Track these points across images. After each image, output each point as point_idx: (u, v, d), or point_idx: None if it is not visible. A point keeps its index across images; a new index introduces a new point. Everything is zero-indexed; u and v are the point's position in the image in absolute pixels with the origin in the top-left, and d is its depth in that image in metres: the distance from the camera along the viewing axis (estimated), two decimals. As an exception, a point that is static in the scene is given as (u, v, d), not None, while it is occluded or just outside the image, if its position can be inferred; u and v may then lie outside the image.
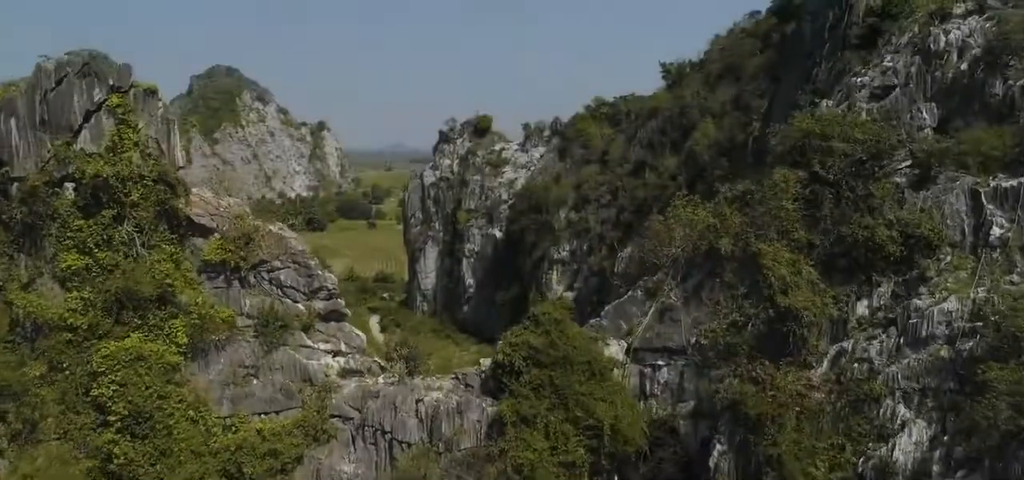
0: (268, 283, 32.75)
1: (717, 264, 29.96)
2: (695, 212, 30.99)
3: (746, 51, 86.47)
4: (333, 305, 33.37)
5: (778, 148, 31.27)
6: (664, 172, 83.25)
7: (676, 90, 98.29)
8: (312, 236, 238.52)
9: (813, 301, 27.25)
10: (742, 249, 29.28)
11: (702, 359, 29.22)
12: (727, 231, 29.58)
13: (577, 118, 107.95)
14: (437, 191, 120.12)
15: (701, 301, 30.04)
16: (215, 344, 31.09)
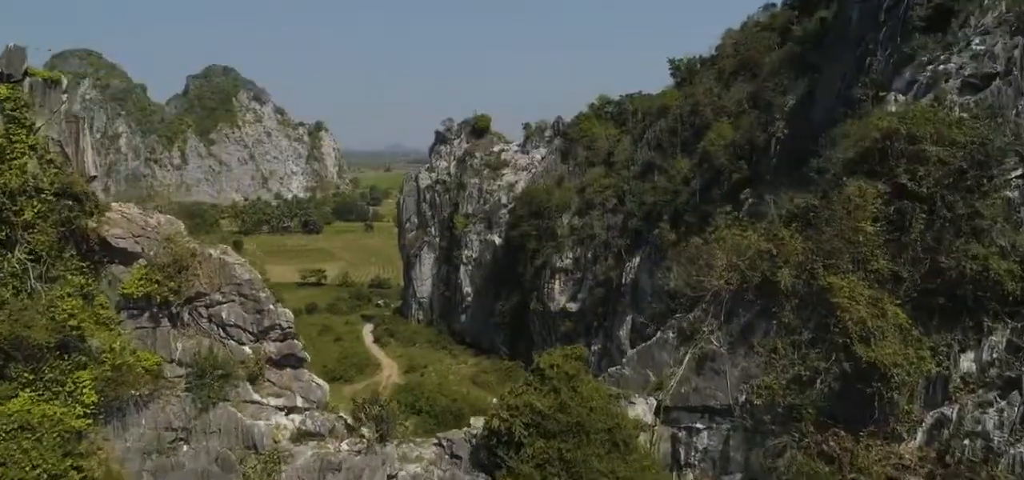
0: (207, 321, 25.96)
1: (773, 301, 23.22)
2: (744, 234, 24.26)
3: (762, 45, 79.66)
4: (288, 348, 26.59)
5: (847, 154, 24.50)
6: (675, 175, 76.49)
7: (686, 88, 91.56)
8: (308, 239, 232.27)
9: (904, 354, 20.60)
10: (806, 283, 22.54)
11: (754, 423, 22.63)
12: (786, 259, 22.83)
13: (580, 118, 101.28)
14: (433, 194, 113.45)
15: (751, 348, 23.30)
16: (135, 401, 24.35)
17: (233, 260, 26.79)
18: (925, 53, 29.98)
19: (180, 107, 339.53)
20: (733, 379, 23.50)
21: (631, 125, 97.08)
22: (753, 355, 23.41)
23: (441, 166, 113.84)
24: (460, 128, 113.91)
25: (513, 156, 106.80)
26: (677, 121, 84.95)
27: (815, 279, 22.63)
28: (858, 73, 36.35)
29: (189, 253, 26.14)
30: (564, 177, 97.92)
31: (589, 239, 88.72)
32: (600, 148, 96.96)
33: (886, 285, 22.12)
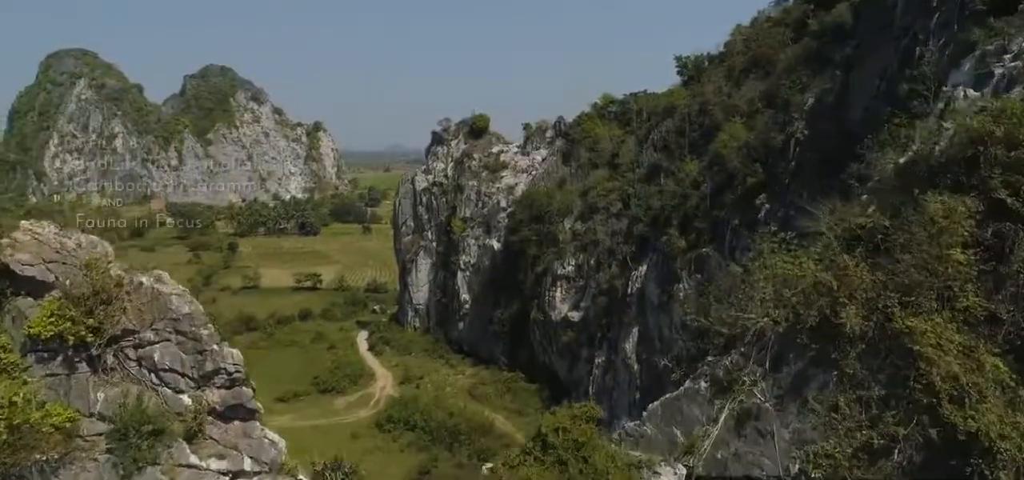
0: (136, 365, 21.12)
1: (834, 346, 18.42)
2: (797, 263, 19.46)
3: (776, 41, 75.03)
4: (236, 397, 21.75)
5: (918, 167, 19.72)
6: (684, 179, 71.69)
7: (694, 86, 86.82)
8: (305, 240, 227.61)
9: (1013, 422, 15.85)
10: (878, 325, 17.74)
11: (811, 500, 17.88)
12: (851, 294, 18.05)
13: (583, 118, 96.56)
14: (430, 197, 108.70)
15: (806, 404, 18.51)
16: (41, 468, 19.57)
17: (169, 290, 21.93)
18: (993, 40, 25.27)
19: (177, 107, 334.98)
20: (783, 443, 18.70)
21: (636, 125, 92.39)
22: (808, 414, 18.58)
23: (438, 168, 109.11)
24: (457, 129, 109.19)
25: (513, 158, 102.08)
26: (685, 121, 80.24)
27: (890, 320, 17.78)
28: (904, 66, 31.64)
29: (114, 282, 21.28)
30: (566, 180, 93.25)
31: (592, 245, 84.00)
32: (603, 149, 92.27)
33: (981, 329, 17.29)
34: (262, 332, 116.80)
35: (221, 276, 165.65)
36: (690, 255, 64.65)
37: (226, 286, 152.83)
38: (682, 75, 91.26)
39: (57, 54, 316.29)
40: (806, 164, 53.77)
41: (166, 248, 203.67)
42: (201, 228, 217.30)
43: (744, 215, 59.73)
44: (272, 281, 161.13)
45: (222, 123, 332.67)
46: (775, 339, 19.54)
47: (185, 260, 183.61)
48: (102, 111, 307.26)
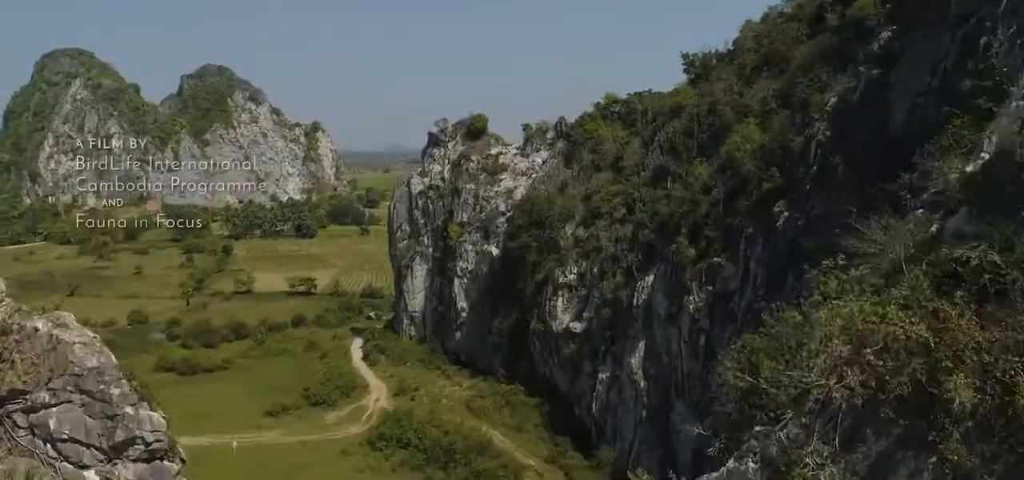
0: (28, 434, 16.58)
1: (931, 423, 13.78)
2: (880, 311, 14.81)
3: (789, 38, 70.34)
4: (155, 473, 17.20)
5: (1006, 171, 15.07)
6: (693, 183, 67.01)
7: (702, 85, 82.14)
8: (301, 243, 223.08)
9: None
10: (995, 398, 13.12)
11: None
12: (957, 355, 13.42)
13: (585, 119, 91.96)
14: (426, 201, 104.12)
15: (892, 497, 13.87)
16: None
17: (72, 338, 17.34)
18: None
19: (174, 107, 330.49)
20: (861, 548, 13.92)
21: (641, 126, 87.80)
22: (896, 510, 13.75)
23: (434, 170, 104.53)
24: (455, 130, 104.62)
25: (512, 160, 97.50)
26: (693, 122, 75.58)
27: (1012, 393, 13.08)
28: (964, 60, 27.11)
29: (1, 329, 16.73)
30: (567, 183, 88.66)
31: (595, 252, 79.37)
32: (607, 151, 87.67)
33: None
34: (253, 339, 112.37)
35: (214, 280, 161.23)
36: (701, 265, 60.05)
37: (218, 291, 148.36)
38: (689, 73, 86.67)
39: (53, 54, 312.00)
40: (830, 169, 49.13)
41: (159, 250, 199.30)
42: (196, 230, 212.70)
43: (759, 223, 55.11)
44: (266, 285, 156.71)
45: (219, 123, 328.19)
46: (846, 408, 14.89)
47: (178, 263, 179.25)
48: (98, 111, 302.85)
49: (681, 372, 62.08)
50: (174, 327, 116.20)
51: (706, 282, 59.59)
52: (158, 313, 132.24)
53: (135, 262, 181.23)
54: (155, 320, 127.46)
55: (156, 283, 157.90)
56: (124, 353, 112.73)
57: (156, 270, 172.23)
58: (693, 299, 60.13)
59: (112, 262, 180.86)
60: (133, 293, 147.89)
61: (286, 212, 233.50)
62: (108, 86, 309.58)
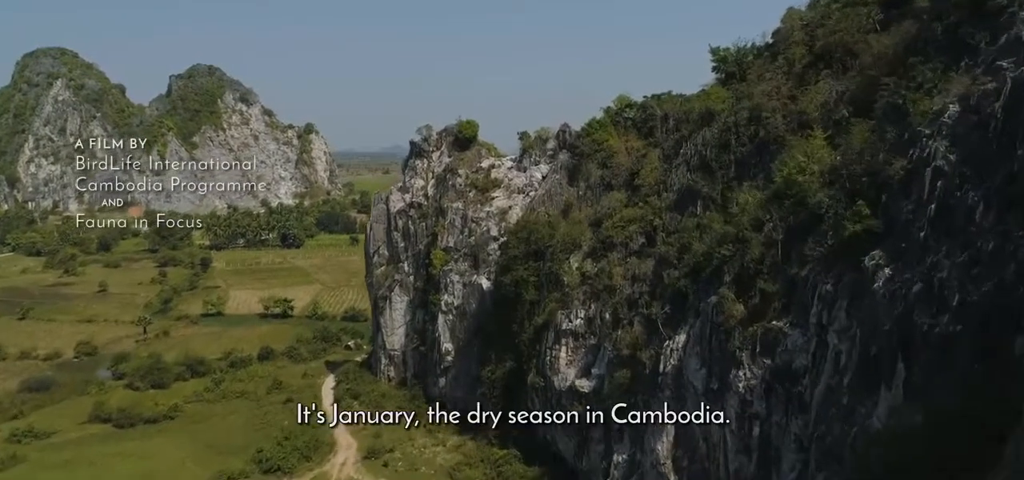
0: None
1: None
2: None
3: (856, 25, 54.38)
4: None
5: None
6: (739, 214, 51.15)
7: (738, 86, 66.23)
8: (285, 254, 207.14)
9: None
10: None
11: None
12: None
13: (593, 126, 75.89)
14: (406, 221, 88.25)
15: None
16: None
17: None
18: None
19: (161, 109, 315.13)
20: None
21: (661, 136, 71.78)
22: None
23: (416, 186, 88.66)
24: (440, 138, 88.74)
25: (506, 175, 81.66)
26: (729, 132, 59.35)
27: None
28: None
29: None
30: (572, 204, 72.68)
31: (607, 292, 63.37)
32: (620, 166, 71.63)
33: None
34: (211, 378, 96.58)
35: (184, 300, 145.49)
36: (754, 329, 44.12)
37: (184, 314, 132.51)
38: (719, 71, 70.71)
39: (34, 53, 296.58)
40: (958, 207, 33.22)
41: (133, 263, 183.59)
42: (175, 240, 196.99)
43: (842, 279, 39.13)
44: (239, 305, 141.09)
45: (209, 125, 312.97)
46: None
47: (149, 278, 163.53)
48: (80, 113, 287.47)
49: (726, 469, 46.21)
50: (123, 363, 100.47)
51: (761, 353, 43.71)
52: (112, 342, 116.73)
53: (104, 277, 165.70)
54: (107, 351, 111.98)
55: (119, 304, 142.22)
56: (61, 394, 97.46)
57: (124, 287, 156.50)
58: (744, 374, 44.26)
59: (78, 277, 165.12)
60: (91, 316, 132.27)
61: (272, 220, 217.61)
62: (91, 87, 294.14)
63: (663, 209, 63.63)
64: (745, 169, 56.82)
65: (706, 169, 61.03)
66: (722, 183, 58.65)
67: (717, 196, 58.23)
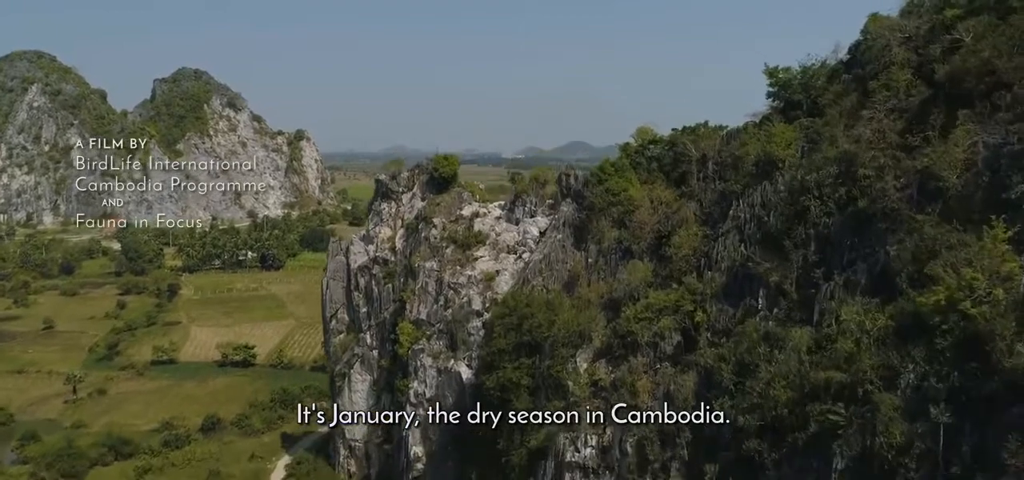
0: None
1: None
2: None
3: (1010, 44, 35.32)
4: None
5: None
6: (845, 341, 32.18)
7: (810, 123, 47.42)
8: (262, 278, 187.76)
9: None
10: None
11: None
12: None
13: (606, 169, 56.48)
14: (370, 280, 69.15)
15: None
16: None
17: None
18: None
19: (145, 115, 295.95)
20: None
21: (698, 186, 52.76)
22: None
23: (382, 235, 69.56)
24: (412, 176, 69.58)
25: (493, 227, 62.53)
26: (808, 194, 40.30)
27: None
28: None
29: None
30: (579, 276, 53.51)
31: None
32: (643, 225, 52.48)
33: None
34: (137, 462, 77.59)
35: (137, 341, 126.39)
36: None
37: (131, 363, 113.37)
38: (778, 99, 51.80)
39: (9, 57, 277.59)
40: None
41: (93, 290, 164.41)
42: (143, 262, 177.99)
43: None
44: (196, 350, 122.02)
45: (194, 132, 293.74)
46: None
47: (105, 311, 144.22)
48: (56, 120, 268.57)
49: None
50: (33, 443, 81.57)
51: None
52: (37, 403, 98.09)
53: (56, 309, 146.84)
54: (28, 415, 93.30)
55: (63, 346, 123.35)
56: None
57: (74, 322, 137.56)
58: None
59: (26, 310, 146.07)
60: (25, 365, 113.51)
61: (250, 239, 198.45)
62: (69, 92, 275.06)
63: (707, 296, 44.51)
64: (836, 253, 37.72)
65: (771, 244, 41.82)
66: (798, 269, 39.64)
67: (791, 288, 39.24)
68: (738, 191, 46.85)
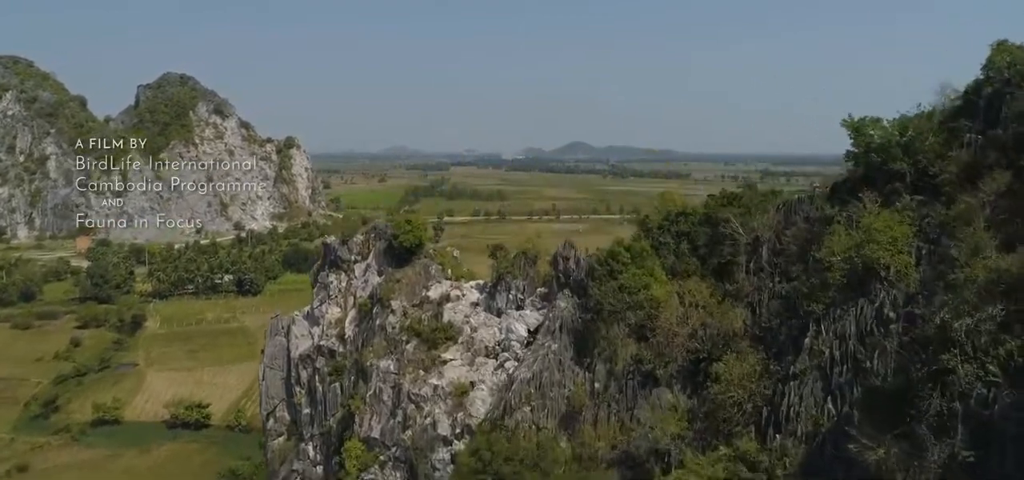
0: None
1: None
2: None
3: None
4: None
5: None
6: None
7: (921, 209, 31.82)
8: (236, 306, 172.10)
9: None
10: None
11: None
12: None
13: (618, 254, 40.33)
14: (313, 373, 53.40)
15: None
16: None
17: None
18: None
19: (127, 122, 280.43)
20: None
21: (749, 283, 37.16)
22: None
23: (329, 317, 53.81)
24: (367, 241, 53.75)
25: (469, 319, 46.76)
26: (949, 343, 24.45)
27: None
28: None
29: None
30: (584, 407, 37.74)
31: None
32: (672, 336, 36.71)
33: None
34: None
35: (82, 390, 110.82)
36: None
37: (66, 426, 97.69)
38: (864, 162, 36.09)
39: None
40: None
41: (49, 323, 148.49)
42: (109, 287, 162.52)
43: None
44: (146, 404, 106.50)
45: (179, 140, 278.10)
46: None
47: (55, 351, 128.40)
48: (32, 129, 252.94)
49: None
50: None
51: None
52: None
53: (3, 344, 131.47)
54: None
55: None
56: None
57: (17, 365, 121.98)
58: None
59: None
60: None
61: (227, 261, 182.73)
62: (46, 99, 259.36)
63: (776, 476, 28.80)
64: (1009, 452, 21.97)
65: (883, 411, 26.01)
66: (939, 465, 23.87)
67: None
68: (818, 311, 31.07)
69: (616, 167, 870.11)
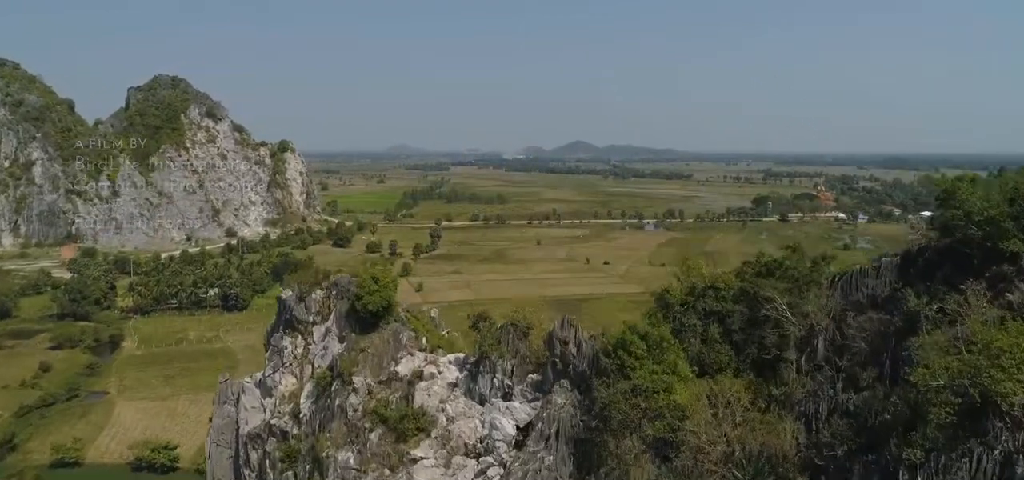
0: None
1: None
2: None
3: None
4: None
5: None
6: None
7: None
8: (219, 323, 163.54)
9: None
10: None
11: None
12: None
13: (631, 342, 31.57)
14: (262, 456, 44.52)
15: None
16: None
17: None
18: None
19: (118, 125, 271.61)
20: None
21: (800, 384, 28.38)
22: None
23: (283, 388, 45.01)
24: (327, 298, 44.93)
25: (445, 403, 37.90)
26: None
27: None
28: None
29: None
30: (584, 547, 29.07)
31: None
32: (700, 456, 28.02)
33: None
34: None
35: (45, 423, 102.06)
36: None
37: (19, 471, 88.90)
38: (960, 232, 27.03)
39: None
40: None
41: (23, 343, 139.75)
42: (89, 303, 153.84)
43: None
44: (114, 438, 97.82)
45: (169, 144, 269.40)
46: None
47: (23, 377, 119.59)
48: (17, 134, 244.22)
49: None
50: None
51: None
52: None
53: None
54: None
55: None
56: None
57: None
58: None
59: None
60: None
61: (213, 275, 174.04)
62: (32, 103, 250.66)
63: None
64: None
65: None
66: None
67: None
68: (915, 458, 22.20)
69: (617, 167, 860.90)
